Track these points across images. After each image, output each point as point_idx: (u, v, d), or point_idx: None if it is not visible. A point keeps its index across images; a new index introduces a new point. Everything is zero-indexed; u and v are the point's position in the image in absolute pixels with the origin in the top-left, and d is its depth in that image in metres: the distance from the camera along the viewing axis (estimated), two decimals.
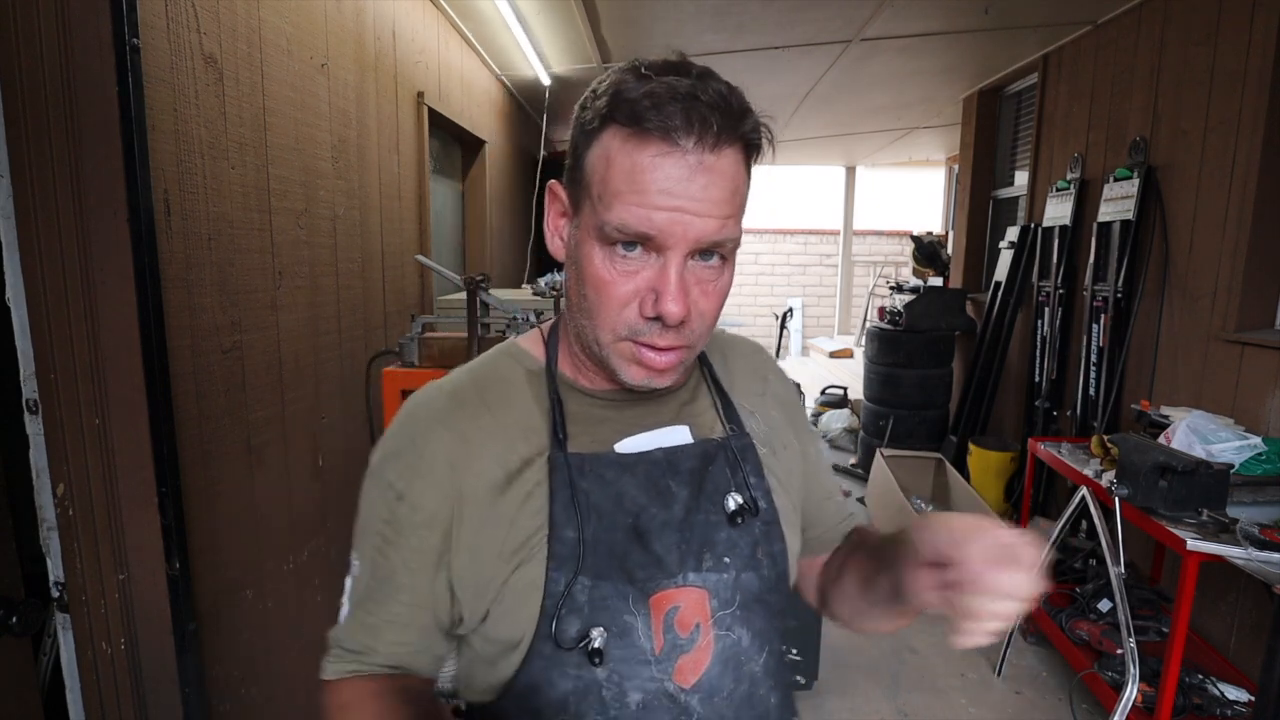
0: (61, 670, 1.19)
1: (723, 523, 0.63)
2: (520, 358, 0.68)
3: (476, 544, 0.60)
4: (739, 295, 9.87)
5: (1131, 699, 1.83)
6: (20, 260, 1.07)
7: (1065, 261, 3.27)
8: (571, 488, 0.60)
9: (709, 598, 0.62)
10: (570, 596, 0.58)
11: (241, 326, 1.48)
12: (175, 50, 1.25)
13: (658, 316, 0.56)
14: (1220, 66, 2.42)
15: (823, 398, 6.14)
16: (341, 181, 1.94)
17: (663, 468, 0.63)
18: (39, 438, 1.12)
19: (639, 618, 0.59)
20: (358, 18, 2.04)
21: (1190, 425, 2.06)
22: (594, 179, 0.56)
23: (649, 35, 3.38)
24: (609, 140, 0.55)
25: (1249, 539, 1.64)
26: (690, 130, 0.52)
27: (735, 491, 0.64)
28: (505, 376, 0.66)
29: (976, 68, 4.07)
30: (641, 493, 0.61)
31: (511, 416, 0.63)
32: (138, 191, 1.11)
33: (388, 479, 0.61)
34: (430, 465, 0.60)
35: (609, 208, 0.54)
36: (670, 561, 0.61)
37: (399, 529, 0.60)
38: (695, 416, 0.68)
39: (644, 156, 0.53)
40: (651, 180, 0.53)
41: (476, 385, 0.65)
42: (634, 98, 0.53)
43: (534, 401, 0.64)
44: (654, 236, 0.54)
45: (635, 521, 0.61)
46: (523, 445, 0.62)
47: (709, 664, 0.61)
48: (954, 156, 6.54)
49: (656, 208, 0.53)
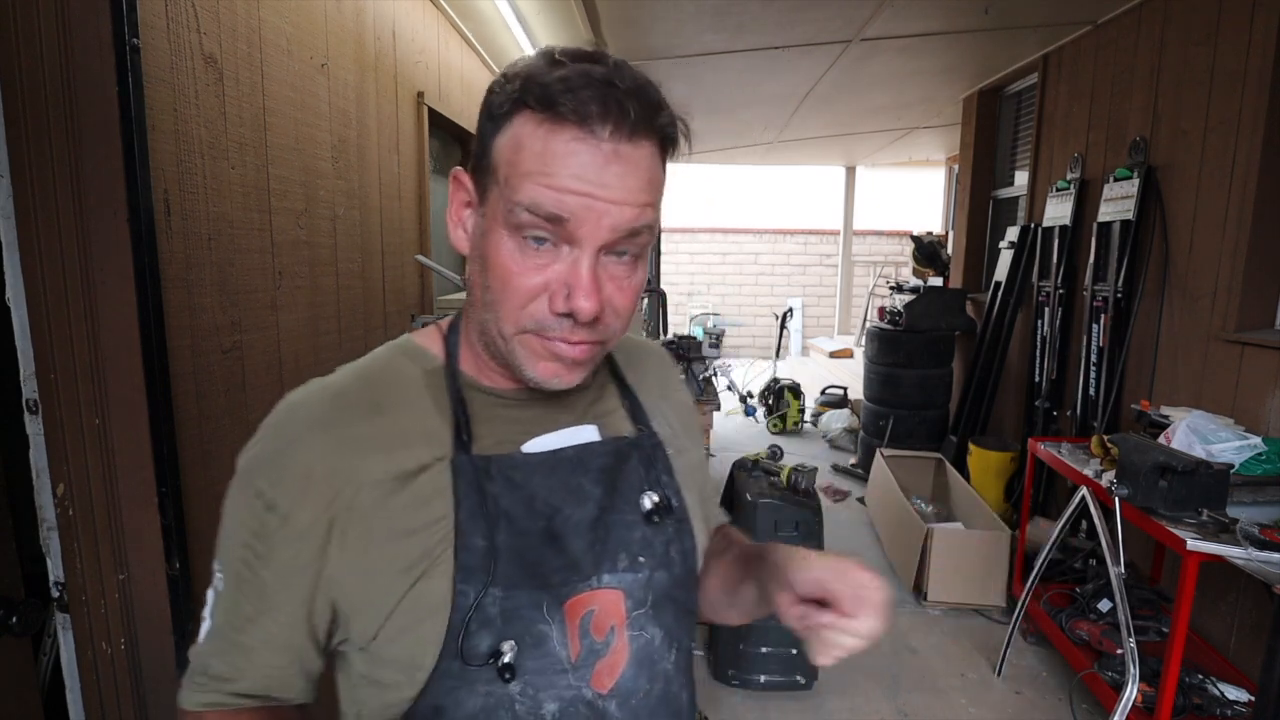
0: (61, 670, 1.19)
1: (638, 522, 0.62)
2: (417, 356, 0.63)
3: (365, 558, 0.55)
4: (739, 295, 9.88)
5: (1131, 699, 1.83)
6: (20, 260, 1.07)
7: (1065, 261, 3.27)
8: (480, 493, 0.56)
9: (624, 598, 0.60)
10: (480, 609, 0.54)
11: (241, 326, 1.48)
12: (175, 50, 1.25)
13: (569, 313, 0.53)
14: (1220, 66, 2.42)
15: (823, 398, 6.15)
16: (341, 181, 1.94)
17: (575, 467, 0.61)
18: (39, 438, 1.12)
19: (554, 625, 0.57)
20: (358, 18, 2.04)
21: (1190, 425, 2.06)
22: (502, 163, 0.53)
23: (649, 35, 3.38)
24: (520, 125, 0.52)
25: (1249, 539, 1.64)
26: (606, 118, 0.50)
27: (650, 490, 0.63)
28: (400, 376, 0.61)
29: (976, 68, 4.07)
30: (554, 494, 0.59)
31: (407, 418, 0.59)
32: (138, 191, 1.11)
33: (256, 486, 0.56)
34: (306, 473, 0.55)
35: (517, 189, 0.52)
36: (585, 563, 0.59)
37: (269, 542, 0.55)
38: (603, 415, 0.67)
39: (557, 142, 0.51)
40: (564, 165, 0.51)
41: (366, 385, 0.60)
42: (547, 82, 0.51)
43: (432, 402, 0.60)
44: (567, 220, 0.51)
45: (548, 524, 0.58)
46: (421, 449, 0.58)
47: (624, 666, 0.60)
48: (954, 156, 6.54)
49: (570, 191, 0.51)
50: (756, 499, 2.33)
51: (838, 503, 4.25)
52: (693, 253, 9.81)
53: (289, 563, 0.55)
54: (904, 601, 3.02)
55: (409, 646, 0.55)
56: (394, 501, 0.56)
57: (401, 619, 0.54)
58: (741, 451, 3.15)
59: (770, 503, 2.32)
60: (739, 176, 10.52)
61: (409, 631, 0.55)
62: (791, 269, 9.87)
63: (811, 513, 2.34)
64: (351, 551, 0.55)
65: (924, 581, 2.98)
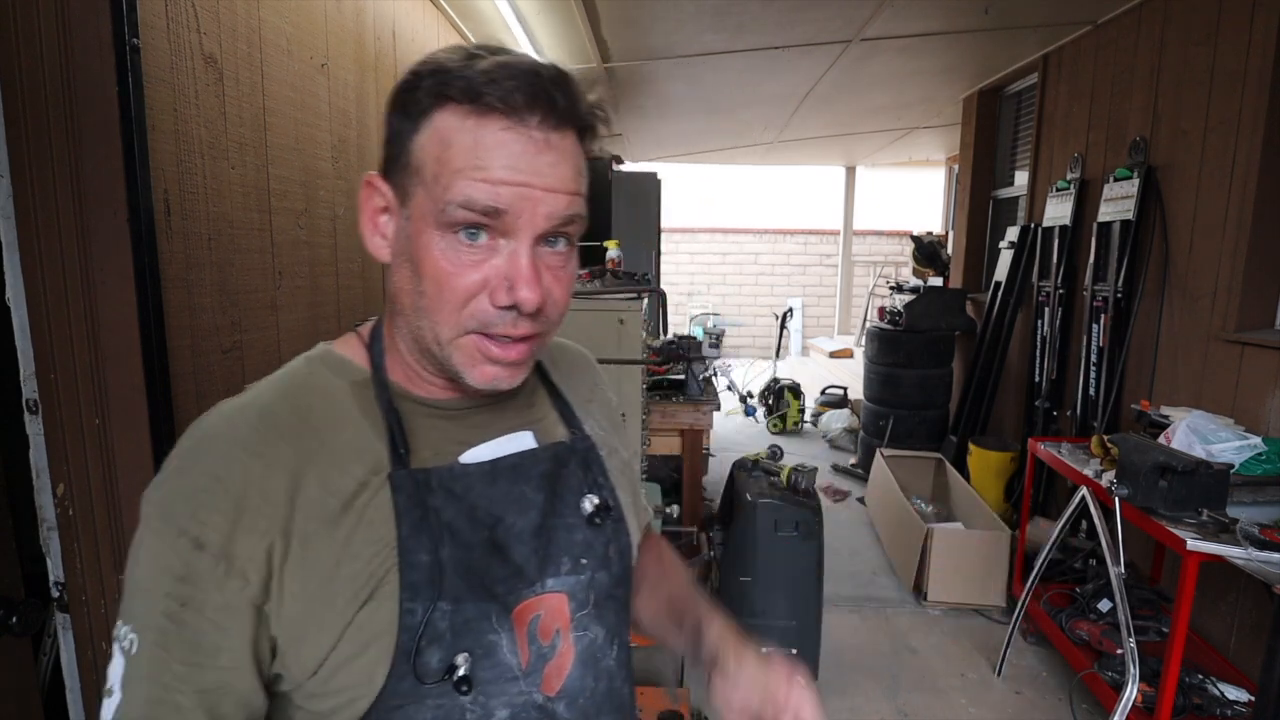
0: (61, 670, 1.19)
1: (580, 525, 0.62)
2: (340, 368, 0.60)
3: (308, 587, 0.51)
4: (739, 295, 9.88)
5: (1131, 699, 1.83)
6: (20, 260, 1.07)
7: (1065, 261, 3.27)
8: (421, 507, 0.54)
9: (568, 601, 0.61)
10: (430, 625, 0.53)
11: (241, 326, 1.48)
12: (175, 50, 1.25)
13: (513, 305, 0.53)
14: (1220, 66, 2.42)
15: (823, 398, 6.15)
16: (341, 181, 1.94)
17: (516, 475, 0.60)
18: (39, 438, 1.12)
19: (503, 634, 0.56)
20: (358, 18, 2.04)
21: (1190, 425, 2.06)
22: (428, 161, 0.52)
23: (649, 35, 3.38)
24: (444, 120, 0.51)
25: (1249, 539, 1.64)
26: (535, 107, 0.50)
27: (591, 493, 0.64)
28: (325, 390, 0.58)
29: (976, 68, 4.07)
30: (496, 503, 0.58)
31: (341, 436, 0.56)
32: (138, 191, 1.11)
33: (179, 525, 0.50)
34: (239, 503, 0.51)
35: (448, 187, 0.51)
36: (530, 570, 0.59)
37: (200, 585, 0.50)
38: (537, 421, 0.66)
39: (486, 133, 0.50)
40: (495, 157, 0.50)
41: (291, 403, 0.56)
42: (469, 75, 0.50)
43: (363, 416, 0.57)
44: (504, 212, 0.51)
45: (491, 534, 0.57)
46: (356, 466, 0.55)
47: (570, 667, 0.60)
48: (954, 156, 6.54)
49: (503, 182, 0.50)
50: (756, 499, 2.33)
51: (838, 503, 4.25)
52: (693, 253, 9.81)
53: (229, 603, 0.50)
54: (904, 601, 3.02)
55: (355, 674, 0.52)
56: (335, 525, 0.53)
57: (347, 647, 0.52)
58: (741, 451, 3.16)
59: (770, 503, 2.32)
60: (739, 176, 10.52)
61: (355, 660, 0.52)
62: (791, 269, 9.87)
63: (811, 513, 2.34)
64: (294, 582, 0.51)
65: (924, 581, 2.99)
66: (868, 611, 2.95)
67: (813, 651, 2.36)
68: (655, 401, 3.03)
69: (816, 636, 2.36)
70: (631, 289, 2.43)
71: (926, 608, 2.96)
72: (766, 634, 2.34)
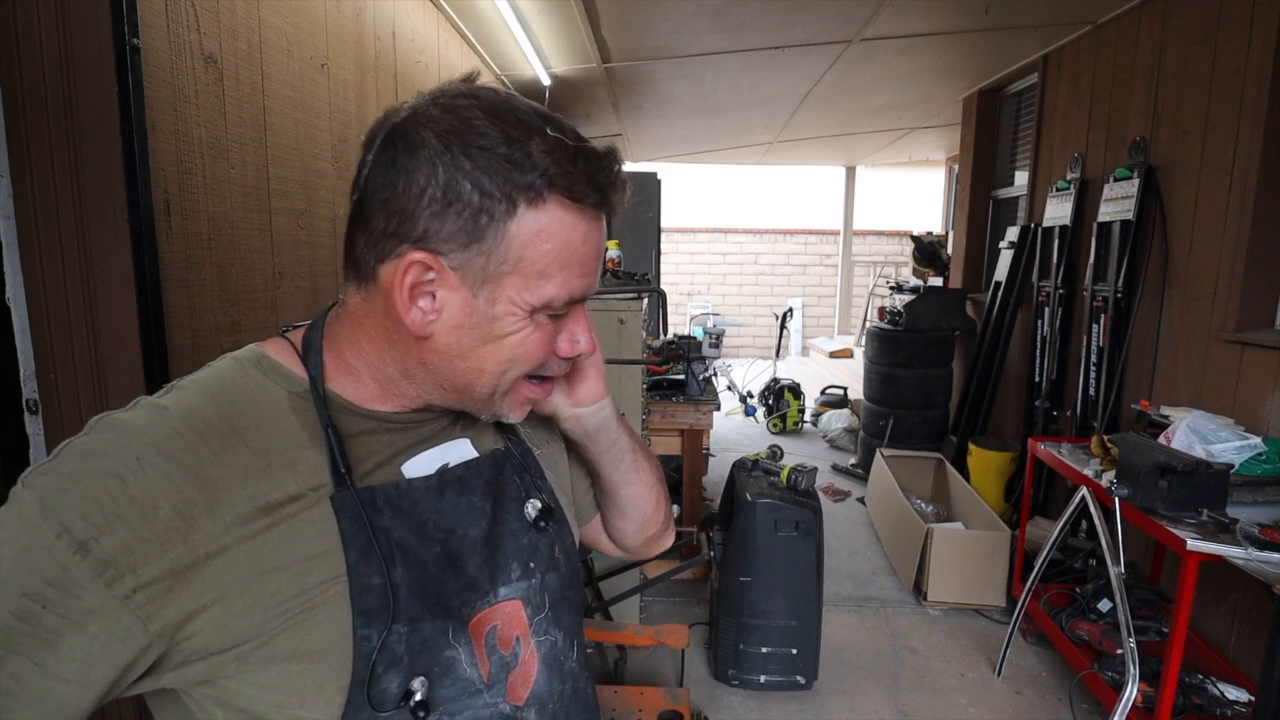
0: None
1: (524, 530, 0.63)
2: (276, 375, 0.56)
3: (227, 602, 0.48)
4: (739, 295, 9.88)
5: (1131, 699, 1.83)
6: (20, 260, 1.07)
7: (1065, 261, 3.27)
8: (368, 529, 0.53)
9: (523, 607, 0.61)
10: (386, 649, 0.51)
11: (241, 326, 1.48)
12: (175, 50, 1.25)
13: (575, 355, 0.59)
14: (1220, 66, 2.42)
15: (823, 398, 6.15)
16: (341, 181, 1.94)
17: (463, 485, 0.60)
18: (39, 438, 1.12)
19: (460, 649, 0.55)
20: (358, 18, 2.04)
21: (1190, 425, 2.06)
22: (533, 255, 0.52)
23: (649, 35, 3.38)
24: (548, 212, 0.51)
25: (1249, 539, 1.64)
26: (612, 208, 0.56)
27: (532, 497, 0.64)
28: (259, 397, 0.54)
29: (976, 68, 4.08)
30: (445, 516, 0.58)
31: (273, 446, 0.52)
32: (138, 191, 1.11)
33: (62, 521, 0.44)
34: (148, 514, 0.46)
35: (544, 285, 0.53)
36: (482, 580, 0.58)
37: (73, 593, 0.44)
38: (472, 429, 0.66)
39: (576, 232, 0.53)
40: (582, 253, 0.54)
41: (220, 410, 0.52)
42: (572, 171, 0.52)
43: (302, 429, 0.54)
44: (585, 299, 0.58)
45: (444, 548, 0.57)
46: (290, 481, 0.52)
47: (536, 673, 0.61)
48: (954, 156, 6.54)
49: (592, 273, 0.56)
50: (756, 499, 2.33)
51: (838, 503, 4.25)
52: (693, 253, 9.81)
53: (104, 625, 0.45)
54: (904, 601, 3.02)
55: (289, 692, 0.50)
56: (262, 538, 0.49)
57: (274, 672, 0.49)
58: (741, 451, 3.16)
59: (770, 503, 2.32)
60: (739, 176, 10.52)
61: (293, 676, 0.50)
62: (791, 269, 9.87)
63: (811, 513, 2.34)
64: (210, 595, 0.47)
65: (924, 581, 2.98)
66: (867, 611, 2.95)
67: (813, 651, 2.36)
68: (655, 401, 3.03)
69: (816, 636, 2.36)
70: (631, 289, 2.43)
71: (926, 608, 2.96)
72: (766, 634, 2.34)
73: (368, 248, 0.53)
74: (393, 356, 0.56)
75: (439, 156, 0.49)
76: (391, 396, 0.59)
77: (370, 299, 0.55)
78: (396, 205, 0.50)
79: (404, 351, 0.56)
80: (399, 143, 0.50)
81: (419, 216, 0.50)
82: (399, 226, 0.51)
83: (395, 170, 0.50)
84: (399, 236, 0.51)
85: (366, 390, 0.58)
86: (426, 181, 0.50)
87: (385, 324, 0.55)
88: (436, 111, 0.51)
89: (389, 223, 0.51)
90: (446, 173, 0.49)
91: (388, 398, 0.59)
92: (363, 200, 0.53)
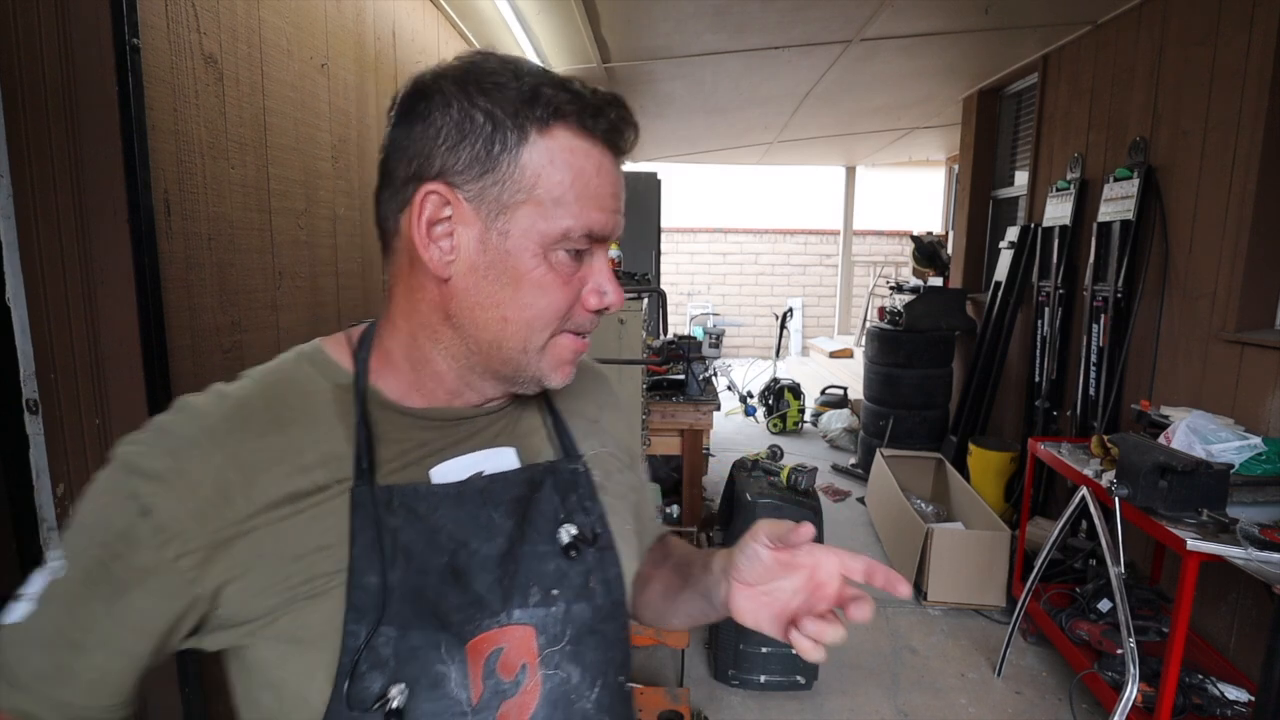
0: None
1: (552, 554, 0.59)
2: (326, 368, 0.59)
3: (249, 578, 0.51)
4: (739, 295, 9.88)
5: (1131, 699, 1.83)
6: (20, 260, 1.07)
7: (1065, 261, 3.27)
8: (376, 527, 0.53)
9: (535, 635, 0.57)
10: (372, 650, 0.51)
11: (241, 326, 1.48)
12: (175, 50, 1.25)
13: (602, 309, 0.58)
14: (1220, 66, 2.42)
15: (823, 398, 6.15)
16: (342, 181, 1.94)
17: (485, 498, 0.58)
18: (39, 438, 1.12)
19: (452, 666, 0.54)
20: (358, 18, 2.04)
21: (1190, 425, 2.06)
22: (547, 183, 0.52)
23: (649, 35, 3.38)
24: (563, 140, 0.52)
25: (1249, 539, 1.64)
26: (625, 141, 0.56)
27: (569, 521, 0.61)
28: (306, 389, 0.57)
29: (976, 68, 4.07)
30: (460, 527, 0.56)
31: (309, 436, 0.55)
32: (138, 191, 1.11)
33: (133, 486, 0.51)
34: (193, 489, 0.51)
35: (577, 215, 0.53)
36: (492, 600, 0.56)
37: (136, 549, 0.50)
38: (523, 437, 0.64)
39: (589, 162, 0.54)
40: (597, 184, 0.54)
41: (267, 399, 0.56)
42: (583, 97, 0.53)
43: (339, 421, 0.56)
44: (606, 236, 0.56)
45: (451, 560, 0.55)
46: (318, 470, 0.54)
47: (535, 707, 0.56)
48: (954, 156, 6.54)
49: (611, 211, 0.55)
50: (756, 499, 2.33)
51: (838, 503, 4.25)
52: (693, 253, 9.81)
53: (157, 573, 0.51)
54: (904, 601, 3.02)
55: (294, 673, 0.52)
56: (286, 524, 0.52)
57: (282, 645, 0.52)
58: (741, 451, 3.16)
59: (770, 503, 2.32)
60: (739, 176, 10.52)
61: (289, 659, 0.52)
62: (791, 269, 9.88)
63: (811, 513, 2.34)
64: (236, 570, 0.51)
65: (924, 581, 2.99)
66: None
67: None
68: (655, 401, 3.03)
69: None
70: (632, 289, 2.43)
71: (926, 608, 2.96)
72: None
73: (390, 201, 0.56)
74: (420, 323, 0.57)
75: (454, 97, 0.52)
76: (426, 382, 0.59)
77: (397, 260, 0.57)
78: (414, 150, 0.53)
79: (429, 309, 0.56)
80: (418, 95, 0.54)
81: (435, 155, 0.52)
82: (418, 169, 0.53)
83: (414, 118, 0.53)
84: (418, 178, 0.53)
85: (404, 381, 0.59)
86: (442, 120, 0.52)
87: (410, 283, 0.57)
88: (454, 63, 0.54)
89: (409, 168, 0.53)
90: (460, 109, 0.52)
91: (423, 384, 0.59)
92: (385, 158, 0.56)
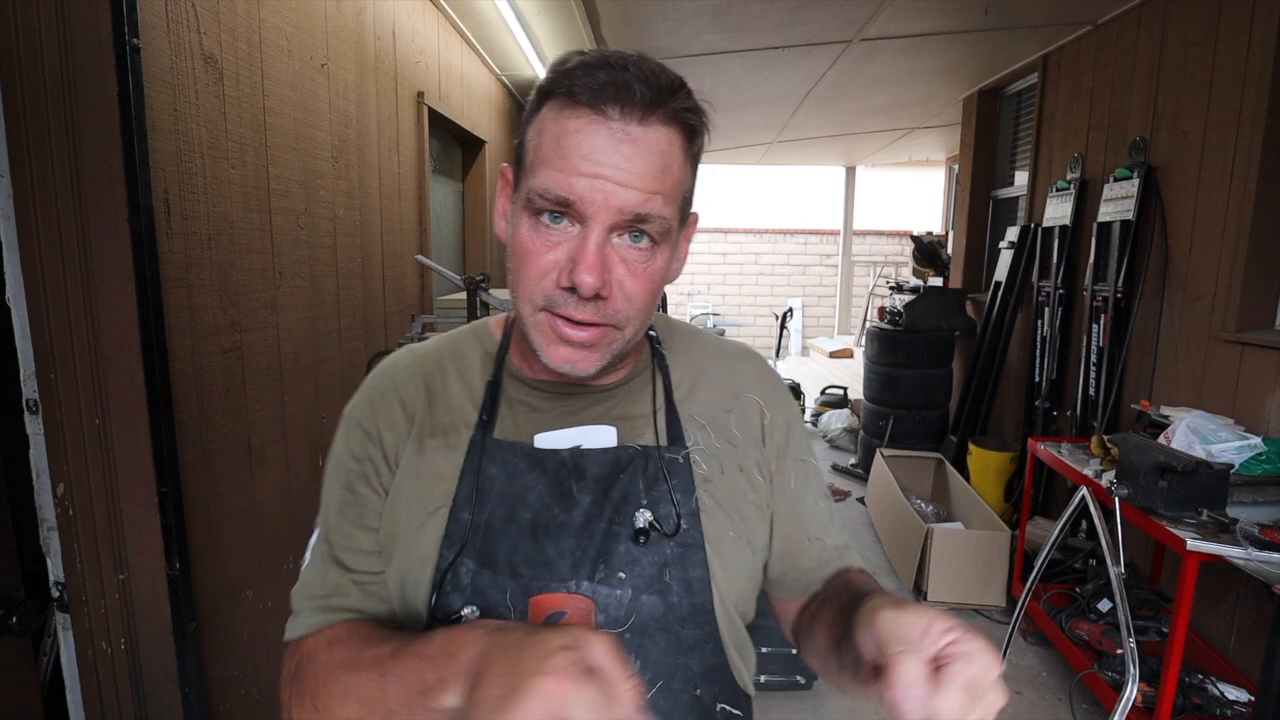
0: (61, 670, 1.19)
1: (624, 536, 0.60)
2: (482, 337, 0.71)
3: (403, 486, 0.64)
4: (739, 295, 9.88)
5: (1131, 699, 1.83)
6: (20, 260, 1.07)
7: (1065, 261, 3.27)
8: (478, 473, 0.62)
9: (594, 610, 0.58)
10: (455, 574, 0.59)
11: (241, 326, 1.48)
12: (175, 50, 1.25)
13: (572, 286, 0.54)
14: (1220, 66, 2.42)
15: (823, 398, 6.15)
16: (341, 181, 1.94)
17: (569, 470, 0.62)
18: (39, 438, 1.12)
19: (513, 613, 0.58)
20: (358, 18, 2.04)
21: (1190, 425, 2.06)
22: (528, 151, 0.57)
23: (649, 35, 3.38)
24: (545, 112, 0.56)
25: (1249, 539, 1.64)
26: (616, 99, 0.52)
27: (647, 508, 0.60)
28: (464, 353, 0.69)
29: (976, 68, 4.07)
30: (546, 491, 0.61)
31: (458, 388, 0.67)
32: (138, 191, 1.11)
33: (356, 419, 0.66)
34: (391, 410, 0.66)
35: (534, 174, 0.55)
36: (563, 566, 0.59)
37: (368, 461, 0.64)
38: (628, 419, 0.65)
39: (571, 124, 0.53)
40: (575, 145, 0.53)
41: (438, 355, 0.69)
42: (570, 69, 0.54)
43: (480, 380, 0.67)
44: (574, 202, 0.53)
45: (534, 518, 0.61)
46: (454, 417, 0.65)
47: None
48: (954, 156, 6.54)
49: (579, 173, 0.52)
50: None
51: (838, 503, 4.25)
52: (692, 253, 9.79)
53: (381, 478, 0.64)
54: None
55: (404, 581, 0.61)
56: (426, 450, 0.64)
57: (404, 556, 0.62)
58: None
59: None
60: (739, 176, 10.51)
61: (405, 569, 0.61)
62: (791, 269, 9.87)
63: None
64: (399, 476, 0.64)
65: (924, 581, 2.98)
66: None
67: None
68: None
69: None
70: None
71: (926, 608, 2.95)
72: (766, 634, 2.34)
73: None
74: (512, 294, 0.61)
75: None
76: (529, 351, 0.63)
77: None
78: None
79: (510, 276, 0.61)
80: None
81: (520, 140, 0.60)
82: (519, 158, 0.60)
83: None
84: None
85: (525, 352, 0.65)
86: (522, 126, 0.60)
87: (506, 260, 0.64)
88: None
89: None
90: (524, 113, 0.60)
91: (527, 356, 0.65)
92: None
